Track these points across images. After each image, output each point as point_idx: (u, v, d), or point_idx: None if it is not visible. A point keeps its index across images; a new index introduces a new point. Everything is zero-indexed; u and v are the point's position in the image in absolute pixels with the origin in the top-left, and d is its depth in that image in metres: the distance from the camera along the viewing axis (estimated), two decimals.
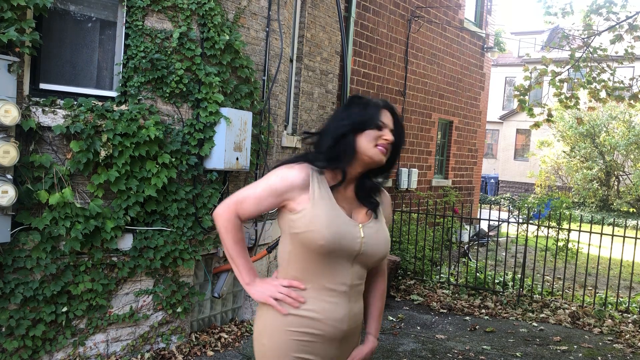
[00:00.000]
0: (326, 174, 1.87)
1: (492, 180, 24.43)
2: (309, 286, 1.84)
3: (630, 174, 19.98)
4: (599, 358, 5.01)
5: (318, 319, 1.83)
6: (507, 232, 12.03)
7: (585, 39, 8.04)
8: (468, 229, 10.47)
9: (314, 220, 1.79)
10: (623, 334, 5.68)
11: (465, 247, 9.53)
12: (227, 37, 4.45)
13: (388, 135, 1.85)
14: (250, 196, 1.87)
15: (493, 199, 22.08)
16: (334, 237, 1.78)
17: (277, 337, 1.85)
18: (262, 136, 5.07)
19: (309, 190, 1.82)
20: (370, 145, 1.83)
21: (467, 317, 6.06)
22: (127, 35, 4.04)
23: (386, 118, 1.87)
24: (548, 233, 7.14)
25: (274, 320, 1.86)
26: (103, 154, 3.77)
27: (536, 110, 8.28)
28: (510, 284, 6.99)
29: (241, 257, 1.91)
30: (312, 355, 1.85)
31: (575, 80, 8.08)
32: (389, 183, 8.69)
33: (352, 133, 1.84)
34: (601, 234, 6.44)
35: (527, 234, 6.84)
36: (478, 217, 11.59)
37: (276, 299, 1.85)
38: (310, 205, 1.81)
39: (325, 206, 1.82)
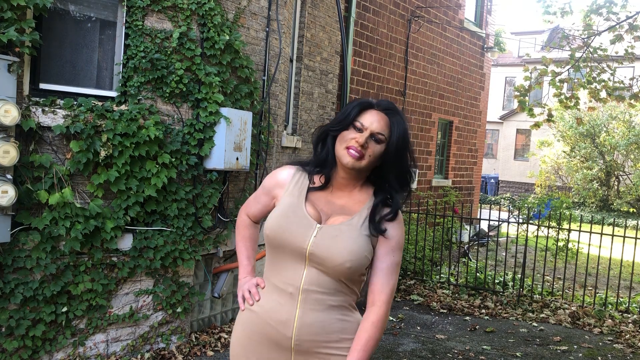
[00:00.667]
0: (314, 176, 1.87)
1: (492, 180, 24.43)
2: (267, 284, 1.85)
3: (630, 174, 19.97)
4: (599, 358, 5.01)
5: (261, 316, 1.81)
6: (507, 232, 12.02)
7: (585, 39, 8.04)
8: (468, 229, 10.46)
9: (271, 212, 1.86)
10: (623, 334, 5.68)
11: (465, 247, 9.52)
12: (227, 37, 4.45)
13: (359, 137, 1.72)
14: (252, 196, 2.06)
15: (493, 199, 22.07)
16: (278, 228, 1.78)
17: (237, 330, 1.93)
18: (262, 136, 5.07)
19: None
20: (341, 147, 1.76)
21: (467, 317, 6.06)
22: (127, 35, 4.04)
23: (368, 119, 1.75)
24: (548, 233, 7.13)
25: (238, 314, 1.95)
26: (103, 154, 3.77)
27: (536, 110, 8.27)
28: (510, 284, 6.99)
29: (241, 254, 2.05)
30: (256, 357, 1.82)
31: (575, 80, 8.07)
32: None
33: (331, 137, 1.81)
34: (601, 234, 6.44)
35: (527, 234, 6.83)
36: (478, 217, 11.59)
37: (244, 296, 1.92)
38: (279, 200, 1.87)
39: (288, 201, 1.83)
